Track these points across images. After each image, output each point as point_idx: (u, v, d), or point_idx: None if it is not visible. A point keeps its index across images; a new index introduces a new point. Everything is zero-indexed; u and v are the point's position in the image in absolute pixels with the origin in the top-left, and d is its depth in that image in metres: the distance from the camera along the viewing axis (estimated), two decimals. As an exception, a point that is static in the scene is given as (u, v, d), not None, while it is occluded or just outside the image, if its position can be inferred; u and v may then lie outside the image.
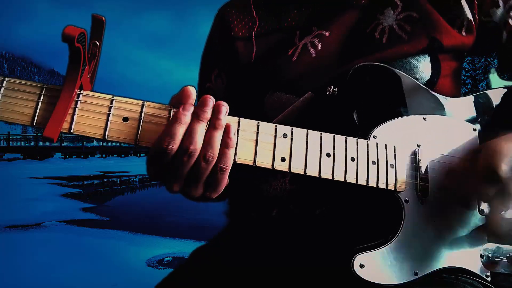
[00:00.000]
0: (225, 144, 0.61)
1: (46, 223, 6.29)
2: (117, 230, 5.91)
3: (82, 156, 34.76)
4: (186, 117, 0.59)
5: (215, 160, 0.60)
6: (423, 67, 0.83)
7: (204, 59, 1.04)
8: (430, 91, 0.81)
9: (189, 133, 0.59)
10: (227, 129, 0.61)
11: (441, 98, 0.81)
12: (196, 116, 0.59)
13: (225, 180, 0.63)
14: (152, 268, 4.00)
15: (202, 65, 1.04)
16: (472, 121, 0.81)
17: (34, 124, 0.56)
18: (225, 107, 0.61)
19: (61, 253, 4.56)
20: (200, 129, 0.59)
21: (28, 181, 13.73)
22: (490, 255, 0.75)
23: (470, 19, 0.85)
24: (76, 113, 0.58)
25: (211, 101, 0.60)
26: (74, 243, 5.12)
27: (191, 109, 0.60)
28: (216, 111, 0.60)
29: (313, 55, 0.86)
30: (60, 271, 3.82)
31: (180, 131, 0.58)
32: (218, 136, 0.60)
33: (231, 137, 0.61)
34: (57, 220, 6.59)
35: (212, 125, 0.60)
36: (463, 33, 0.85)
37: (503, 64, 0.95)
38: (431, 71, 0.84)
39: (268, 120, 0.85)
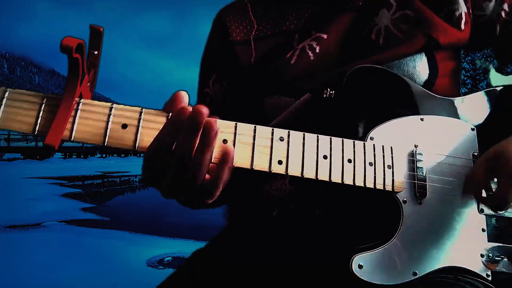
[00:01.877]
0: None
1: (46, 223, 6.29)
2: (117, 230, 5.91)
3: (82, 156, 34.78)
4: (178, 122, 0.58)
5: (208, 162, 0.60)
6: (421, 67, 0.83)
7: (203, 64, 1.04)
8: (428, 91, 0.81)
9: (182, 138, 0.58)
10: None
11: (439, 98, 0.81)
12: (186, 124, 0.58)
13: (220, 183, 0.62)
14: (152, 268, 4.01)
15: (201, 71, 1.04)
16: (470, 120, 0.81)
17: (36, 132, 0.57)
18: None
19: (61, 253, 4.56)
20: (191, 134, 0.58)
21: (28, 181, 13.73)
22: (490, 254, 0.75)
23: (466, 12, 0.86)
24: (76, 121, 0.59)
25: (204, 111, 0.58)
26: (74, 243, 5.12)
27: (183, 114, 0.58)
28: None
29: (312, 57, 0.86)
30: (60, 271, 3.83)
31: (171, 136, 0.58)
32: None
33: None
34: (57, 220, 6.59)
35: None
36: (462, 27, 0.85)
37: (499, 58, 0.95)
38: (428, 72, 0.84)
39: (268, 122, 0.85)
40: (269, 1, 0.96)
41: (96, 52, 0.59)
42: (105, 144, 0.59)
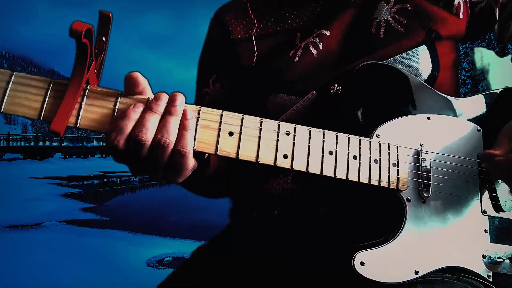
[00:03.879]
0: (182, 127, 0.61)
1: (46, 223, 6.30)
2: (117, 230, 5.92)
3: (82, 156, 34.74)
4: (136, 113, 0.60)
5: (171, 144, 0.60)
6: (424, 62, 0.83)
7: (202, 64, 1.03)
8: (435, 90, 0.81)
9: (141, 123, 0.59)
10: (184, 113, 0.62)
11: (445, 97, 0.81)
12: (149, 108, 0.60)
13: (188, 164, 0.63)
14: (152, 268, 4.01)
15: (199, 70, 1.03)
16: (475, 121, 0.81)
17: (41, 117, 0.57)
18: (180, 97, 0.62)
19: (61, 253, 4.57)
20: (153, 119, 0.60)
21: (28, 181, 13.74)
22: (492, 256, 0.75)
23: (463, 1, 0.86)
24: (83, 107, 0.58)
25: (164, 95, 0.62)
26: (74, 243, 5.13)
27: (140, 105, 0.61)
28: (171, 100, 0.61)
29: (315, 55, 0.86)
30: (60, 271, 3.83)
31: (129, 125, 0.59)
32: (173, 121, 0.61)
33: (188, 118, 0.61)
34: (57, 220, 6.60)
35: (168, 112, 0.61)
36: (461, 16, 0.86)
37: (501, 39, 0.95)
38: (431, 65, 0.84)
39: None
40: (268, 0, 0.95)
41: (104, 38, 0.58)
42: None
